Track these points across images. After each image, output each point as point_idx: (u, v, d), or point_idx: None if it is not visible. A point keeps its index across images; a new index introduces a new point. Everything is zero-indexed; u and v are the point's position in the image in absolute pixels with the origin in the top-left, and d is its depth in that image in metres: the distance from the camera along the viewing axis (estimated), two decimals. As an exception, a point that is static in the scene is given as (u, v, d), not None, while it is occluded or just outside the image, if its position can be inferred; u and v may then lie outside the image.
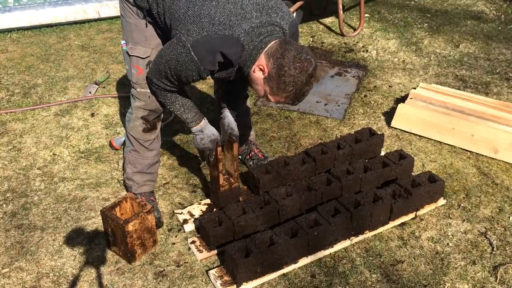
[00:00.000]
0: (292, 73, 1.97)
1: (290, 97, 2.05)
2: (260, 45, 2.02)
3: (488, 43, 4.59)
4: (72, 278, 2.27)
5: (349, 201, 2.48)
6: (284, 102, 2.10)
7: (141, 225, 2.30)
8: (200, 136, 2.39)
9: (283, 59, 1.97)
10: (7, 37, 4.75)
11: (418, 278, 2.28)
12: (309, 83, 2.04)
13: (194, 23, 2.01)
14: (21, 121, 3.43)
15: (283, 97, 2.06)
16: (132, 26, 2.33)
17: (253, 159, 2.94)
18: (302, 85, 2.01)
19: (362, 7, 4.76)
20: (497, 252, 2.41)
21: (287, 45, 2.00)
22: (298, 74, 1.98)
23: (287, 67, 1.97)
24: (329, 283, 2.25)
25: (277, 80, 2.00)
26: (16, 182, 2.87)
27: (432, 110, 3.26)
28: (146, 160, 2.59)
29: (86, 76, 4.03)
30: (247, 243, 2.25)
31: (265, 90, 2.08)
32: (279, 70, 1.98)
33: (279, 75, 1.98)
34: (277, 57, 1.98)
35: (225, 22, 1.99)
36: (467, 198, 2.74)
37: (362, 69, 4.15)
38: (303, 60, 1.98)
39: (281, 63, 1.97)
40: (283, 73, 1.97)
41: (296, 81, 1.99)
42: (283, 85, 2.00)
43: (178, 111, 2.34)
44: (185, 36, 2.02)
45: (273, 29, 2.05)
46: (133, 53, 2.34)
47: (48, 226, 2.56)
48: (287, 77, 1.98)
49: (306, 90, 2.06)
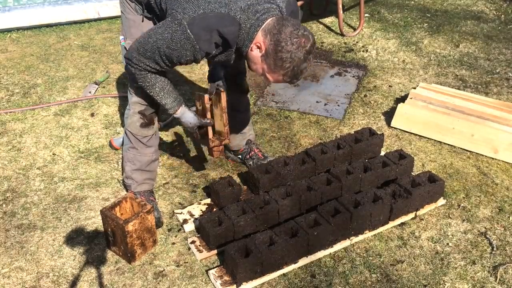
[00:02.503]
0: (289, 48, 1.95)
1: (288, 74, 2.02)
2: (257, 23, 2.00)
3: (488, 43, 4.59)
4: (72, 278, 2.27)
5: (349, 201, 2.48)
6: (283, 80, 2.07)
7: (141, 225, 2.30)
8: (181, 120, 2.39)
9: (280, 34, 1.96)
10: (7, 37, 4.75)
11: (418, 278, 2.28)
12: (307, 59, 2.01)
13: (189, 2, 2.00)
14: (21, 121, 3.43)
15: (281, 74, 2.03)
16: (130, 21, 2.35)
17: (253, 158, 2.94)
18: (300, 61, 1.99)
19: (362, 7, 4.76)
20: (497, 252, 2.41)
21: (284, 21, 1.98)
22: (295, 49, 1.96)
23: (284, 42, 1.95)
24: (329, 283, 2.25)
25: (274, 57, 1.98)
26: (16, 182, 2.87)
27: (432, 110, 3.26)
28: (144, 157, 2.59)
29: (86, 76, 4.03)
30: (247, 243, 2.25)
31: (263, 68, 2.07)
32: (276, 46, 1.96)
33: (276, 51, 1.97)
34: (274, 33, 1.97)
35: (220, 0, 1.98)
36: (467, 198, 2.74)
37: (362, 69, 4.15)
38: (300, 35, 1.97)
39: (278, 38, 1.96)
40: (280, 48, 1.96)
41: (293, 57, 1.97)
42: (280, 61, 1.98)
43: (158, 96, 2.26)
44: (181, 14, 2.00)
45: (270, 7, 2.04)
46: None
47: (48, 226, 2.56)
48: (284, 53, 1.96)
49: (304, 67, 2.03)
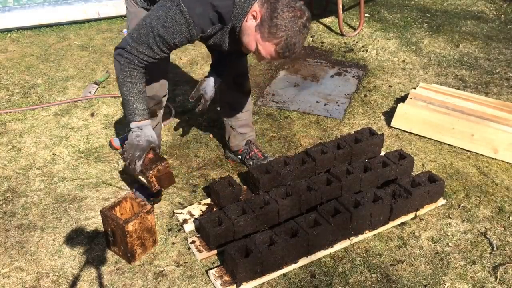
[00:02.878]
0: (285, 16, 1.96)
1: (281, 44, 2.00)
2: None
3: (488, 43, 4.59)
4: (72, 278, 2.27)
5: (349, 201, 2.48)
6: (274, 52, 2.03)
7: (141, 225, 2.30)
8: (137, 133, 2.23)
9: (277, 3, 1.97)
10: (7, 37, 4.75)
11: (418, 278, 2.28)
12: (301, 32, 2.00)
13: None
14: (21, 121, 3.43)
15: (274, 43, 2.01)
16: (132, 14, 2.40)
17: (253, 159, 2.94)
18: (294, 32, 1.98)
19: (362, 7, 4.76)
20: (497, 252, 2.41)
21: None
22: (291, 18, 1.96)
23: (280, 9, 1.96)
24: (329, 283, 2.25)
25: (269, 23, 1.98)
26: (16, 182, 2.87)
27: (432, 110, 3.26)
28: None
29: (86, 76, 4.03)
30: (247, 243, 2.25)
31: (256, 39, 2.04)
32: (272, 12, 1.96)
33: (271, 17, 1.97)
34: (271, 2, 1.98)
35: None
36: (467, 198, 2.74)
37: (362, 69, 4.15)
38: (297, 7, 1.98)
39: (275, 6, 1.96)
40: (276, 15, 1.96)
41: (287, 26, 1.97)
42: (275, 28, 1.97)
43: (132, 97, 2.18)
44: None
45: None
46: None
47: (48, 226, 2.56)
48: (280, 20, 1.96)
49: (298, 40, 2.01)
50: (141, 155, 2.21)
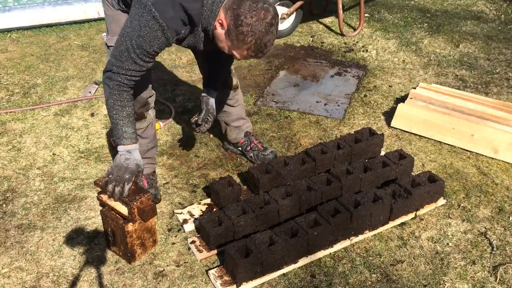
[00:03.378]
0: (248, 21, 1.96)
1: (252, 48, 2.03)
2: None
3: (488, 43, 4.59)
4: (72, 278, 2.27)
5: (349, 201, 2.48)
6: (248, 55, 2.07)
7: (141, 225, 2.30)
8: (126, 156, 2.20)
9: (239, 9, 1.97)
10: (7, 37, 4.75)
11: (418, 278, 2.28)
12: (269, 32, 2.01)
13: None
14: (21, 121, 3.43)
15: (245, 49, 2.04)
16: (110, 17, 2.39)
17: (254, 150, 2.99)
18: (261, 34, 1.99)
19: (362, 7, 4.76)
20: (497, 252, 2.41)
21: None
22: (255, 22, 1.97)
23: (243, 16, 1.96)
24: (329, 283, 2.25)
25: (235, 32, 1.99)
26: (16, 182, 2.87)
27: (432, 110, 3.26)
28: (141, 147, 2.58)
29: (86, 76, 4.03)
30: (247, 243, 2.25)
31: (228, 46, 2.07)
32: (236, 21, 1.97)
33: (236, 25, 1.98)
34: (233, 8, 1.98)
35: None
36: (467, 198, 2.74)
37: (362, 69, 4.15)
38: (260, 8, 1.97)
39: (237, 13, 1.97)
40: (240, 22, 1.97)
41: (254, 30, 1.98)
42: (242, 35, 1.99)
43: (121, 121, 2.19)
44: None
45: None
46: (110, 44, 2.34)
47: (48, 226, 2.56)
48: (244, 27, 1.97)
49: (267, 40, 2.02)
50: (130, 178, 2.18)
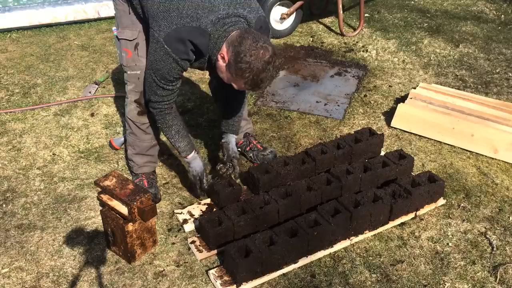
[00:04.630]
0: (247, 59, 2.10)
1: (249, 82, 2.17)
2: (224, 34, 2.17)
3: (488, 43, 4.59)
4: (72, 278, 2.27)
5: (349, 201, 2.48)
6: (245, 87, 2.23)
7: (141, 225, 2.30)
8: (189, 166, 2.60)
9: (240, 46, 2.11)
10: (7, 37, 4.75)
11: (418, 278, 2.28)
12: (266, 69, 2.15)
13: (164, 19, 2.17)
14: (21, 121, 3.43)
15: (242, 83, 2.19)
16: (121, 12, 2.47)
17: (253, 150, 3.00)
18: (258, 71, 2.13)
19: (362, 7, 4.76)
20: (497, 252, 2.41)
21: (246, 34, 2.14)
22: (254, 60, 2.10)
23: (243, 54, 2.10)
24: (329, 283, 2.25)
25: (234, 67, 2.14)
26: (16, 182, 2.87)
27: (432, 110, 3.26)
28: (143, 143, 2.70)
29: (86, 76, 4.03)
30: (247, 243, 2.25)
31: (228, 77, 2.24)
32: (236, 57, 2.12)
33: (236, 61, 2.13)
34: (235, 45, 2.13)
35: (192, 15, 2.14)
36: (467, 198, 2.74)
37: (362, 69, 4.15)
38: (259, 47, 2.11)
39: (238, 50, 2.11)
40: (240, 59, 2.11)
41: (252, 68, 2.11)
42: (240, 71, 2.13)
43: (173, 139, 2.50)
44: (157, 32, 2.19)
45: (237, 20, 2.20)
46: (122, 36, 2.47)
47: (48, 226, 2.56)
48: (243, 64, 2.11)
49: (264, 77, 2.16)
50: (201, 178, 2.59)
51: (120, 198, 2.22)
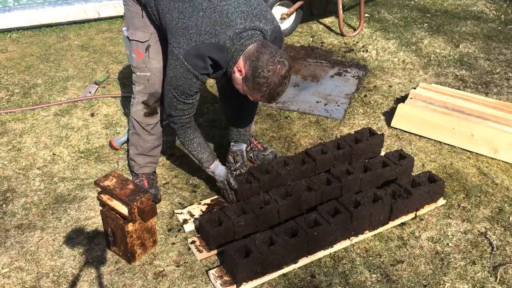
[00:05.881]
0: (265, 75, 2.14)
1: (265, 96, 2.22)
2: (241, 48, 2.19)
3: (488, 43, 4.59)
4: (72, 278, 2.27)
5: (349, 201, 2.48)
6: (261, 100, 2.27)
7: (141, 225, 2.30)
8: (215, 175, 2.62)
9: (257, 62, 2.15)
10: (7, 37, 4.75)
11: (418, 278, 2.28)
12: (282, 83, 2.19)
13: (183, 36, 2.18)
14: (21, 121, 3.43)
15: (259, 96, 2.23)
16: (133, 13, 2.47)
17: (254, 150, 3.02)
18: (275, 85, 2.17)
19: (362, 7, 4.76)
20: (497, 252, 2.41)
21: (263, 48, 2.16)
22: (271, 75, 2.14)
23: (261, 69, 2.14)
24: (329, 283, 2.25)
25: (252, 81, 2.18)
26: (16, 182, 2.87)
27: (432, 110, 3.26)
28: (147, 144, 2.71)
29: (86, 76, 4.03)
30: (247, 243, 2.25)
31: (244, 89, 2.26)
32: (253, 72, 2.16)
33: (253, 76, 2.16)
34: (252, 60, 2.16)
35: (211, 32, 2.15)
36: (467, 198, 2.74)
37: (362, 69, 4.15)
38: (276, 62, 2.14)
39: (256, 65, 2.15)
40: (257, 74, 2.15)
41: (269, 82, 2.15)
42: (258, 85, 2.17)
43: (195, 151, 2.55)
44: (177, 49, 2.20)
45: (254, 33, 2.21)
46: (133, 38, 2.47)
47: (48, 226, 2.56)
48: (261, 79, 2.15)
49: (280, 90, 2.21)
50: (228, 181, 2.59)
51: (120, 198, 2.22)
